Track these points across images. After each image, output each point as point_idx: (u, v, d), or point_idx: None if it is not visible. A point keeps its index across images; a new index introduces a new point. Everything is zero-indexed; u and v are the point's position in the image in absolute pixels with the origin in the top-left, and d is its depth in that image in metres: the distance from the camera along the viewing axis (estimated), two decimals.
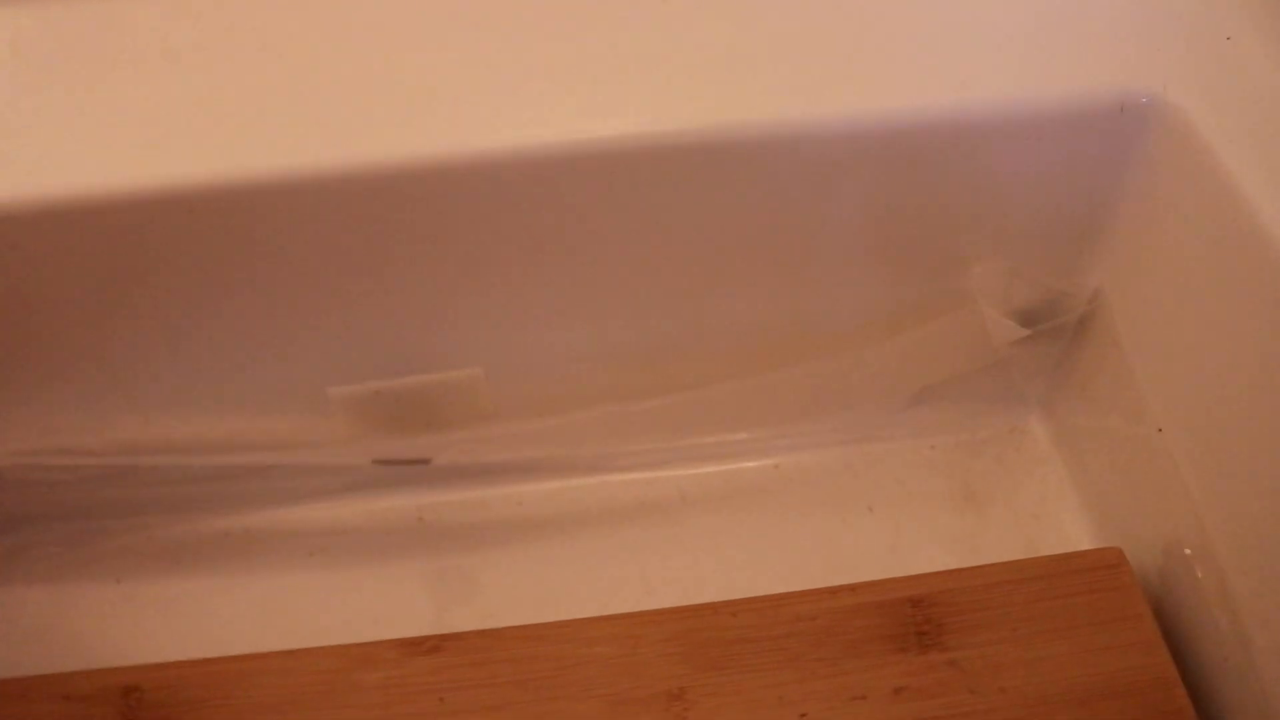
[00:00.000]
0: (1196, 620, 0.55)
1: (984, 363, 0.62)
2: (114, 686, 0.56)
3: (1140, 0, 0.55)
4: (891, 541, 0.62)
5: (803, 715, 0.53)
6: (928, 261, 0.60)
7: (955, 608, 0.56)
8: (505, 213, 0.53)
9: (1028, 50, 0.53)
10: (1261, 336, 0.49)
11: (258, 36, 0.54)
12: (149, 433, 0.61)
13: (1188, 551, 0.55)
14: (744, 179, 0.54)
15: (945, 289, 0.60)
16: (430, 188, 0.52)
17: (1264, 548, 0.50)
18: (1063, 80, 0.53)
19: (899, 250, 0.59)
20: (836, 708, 0.53)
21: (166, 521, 0.65)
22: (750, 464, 0.65)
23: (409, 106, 0.51)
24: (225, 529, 0.65)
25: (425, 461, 0.60)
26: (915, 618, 0.56)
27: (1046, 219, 0.58)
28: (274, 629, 0.60)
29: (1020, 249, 0.59)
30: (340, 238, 0.54)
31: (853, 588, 0.57)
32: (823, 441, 0.65)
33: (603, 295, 0.58)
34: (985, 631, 0.55)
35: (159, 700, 0.56)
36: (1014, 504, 0.64)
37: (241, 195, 0.51)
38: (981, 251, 0.59)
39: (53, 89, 0.52)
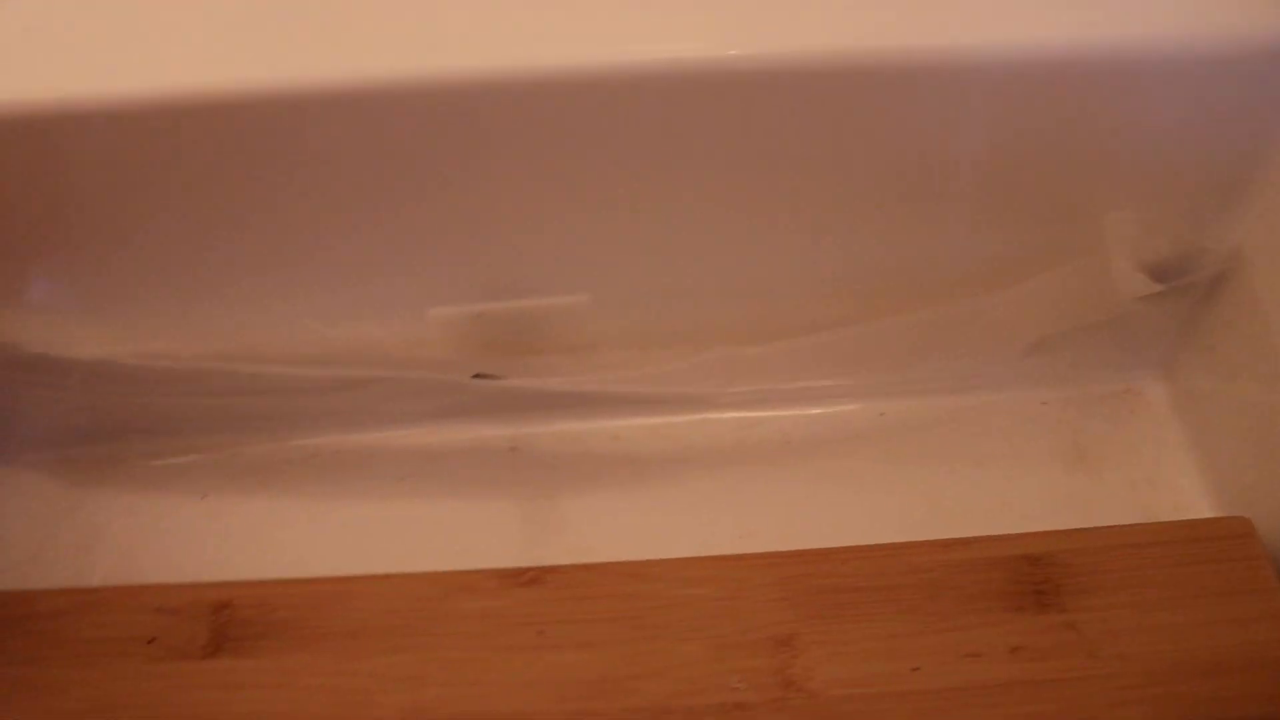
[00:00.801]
0: None
1: (1105, 317, 0.60)
2: (206, 601, 0.55)
3: None
4: (999, 497, 0.60)
5: (915, 669, 0.51)
6: (1057, 206, 0.57)
7: (1074, 569, 0.54)
8: (616, 135, 0.51)
9: None
10: None
11: None
12: (244, 341, 0.59)
13: None
14: (875, 110, 0.51)
15: (1072, 237, 0.58)
16: (538, 104, 0.50)
17: None
18: (1222, 20, 0.50)
19: (1028, 193, 0.56)
20: (950, 664, 0.51)
21: (254, 439, 0.64)
22: (855, 409, 0.63)
23: (524, 17, 0.49)
24: (313, 450, 0.64)
25: (525, 381, 0.58)
26: (1033, 576, 0.54)
27: (1189, 168, 0.55)
28: (360, 553, 0.59)
29: (1158, 199, 0.56)
30: (450, 151, 0.51)
31: (967, 542, 0.55)
32: (930, 390, 0.63)
33: (714, 228, 0.56)
34: (1105, 595, 0.53)
35: (250, 618, 0.55)
36: (1127, 467, 0.61)
37: (352, 100, 0.49)
38: (1116, 199, 0.56)
39: None
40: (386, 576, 0.55)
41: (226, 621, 0.55)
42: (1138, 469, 0.61)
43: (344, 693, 0.52)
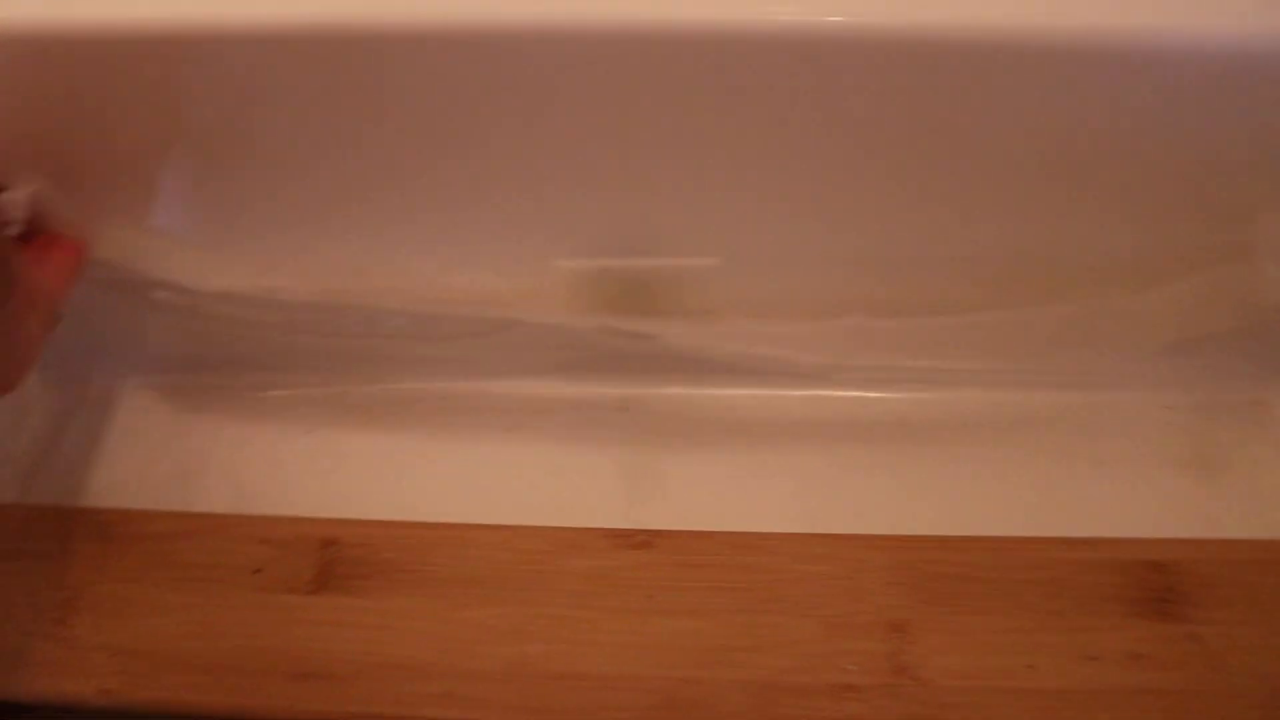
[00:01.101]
0: None
1: (1246, 324, 0.58)
2: (313, 537, 0.55)
3: None
4: (1119, 499, 0.58)
5: (1030, 666, 0.50)
6: (1212, 207, 0.55)
7: (1200, 579, 0.52)
8: (766, 97, 0.49)
9: None
10: None
11: None
12: (362, 283, 0.58)
13: None
14: (1041, 90, 0.49)
15: (1224, 240, 0.55)
16: (688, 60, 0.48)
17: None
18: None
19: (1184, 190, 0.54)
20: (1066, 665, 0.50)
21: (362, 379, 0.64)
22: (975, 396, 0.61)
23: None
24: (420, 394, 0.63)
25: (650, 336, 0.57)
26: (1156, 584, 0.52)
27: None
28: (463, 500, 0.58)
29: None
30: (591, 101, 0.50)
31: (1091, 542, 0.53)
32: (1053, 383, 0.61)
33: (857, 198, 0.54)
34: (1231, 609, 0.51)
35: (357, 557, 0.54)
36: (1255, 480, 0.59)
37: (498, 40, 0.48)
38: (1274, 203, 0.54)
39: None
40: (496, 527, 0.54)
41: (333, 559, 0.54)
42: (1263, 482, 0.59)
43: (447, 640, 0.52)
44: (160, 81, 0.51)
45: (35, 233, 0.51)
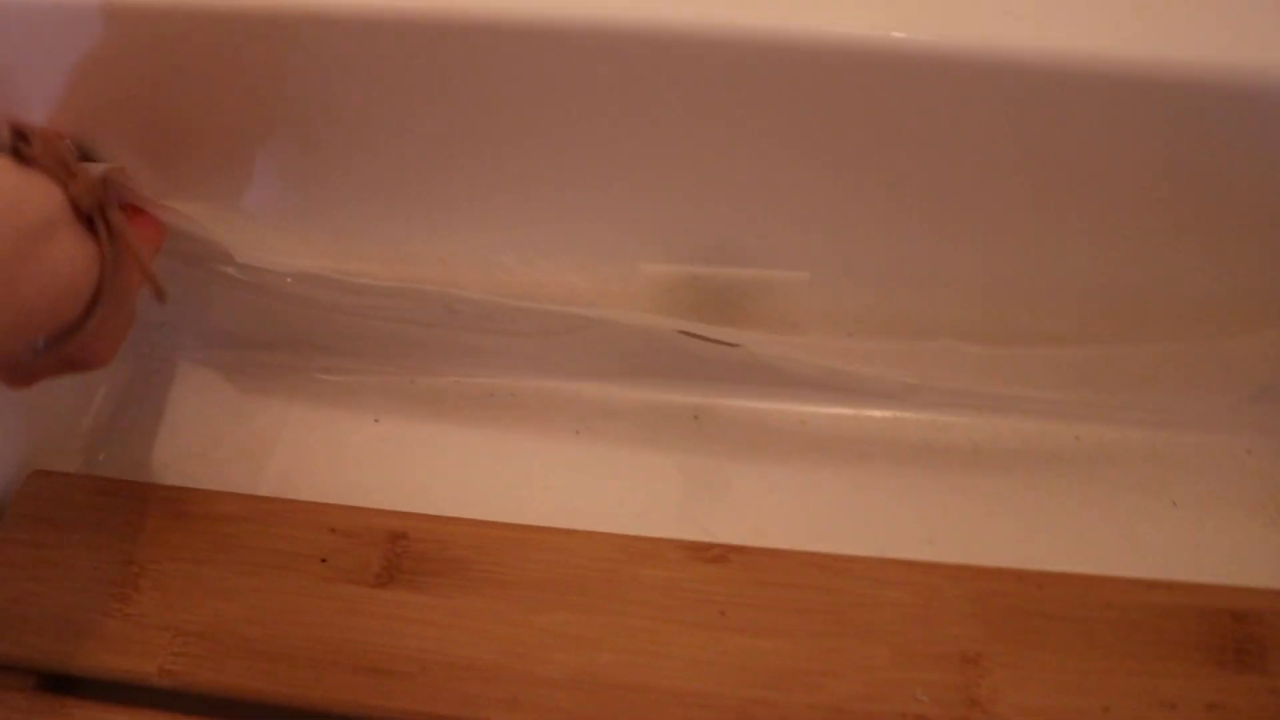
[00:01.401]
0: None
1: None
2: (381, 529, 0.54)
3: None
4: (1195, 543, 0.58)
5: (1106, 708, 0.49)
6: None
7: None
8: (875, 114, 0.49)
9: None
10: None
11: None
12: (443, 272, 0.58)
13: None
14: (1168, 124, 0.48)
15: None
16: (797, 72, 0.47)
17: None
18: None
19: None
20: (1143, 710, 0.49)
21: (432, 369, 0.63)
22: (1050, 427, 0.60)
23: None
24: (491, 388, 0.63)
25: (730, 345, 0.56)
26: (1236, 633, 0.51)
27: None
28: (528, 500, 0.58)
29: None
30: (689, 104, 0.49)
31: (1169, 585, 0.52)
32: (1133, 419, 0.60)
33: (954, 220, 0.53)
34: None
35: (425, 553, 0.54)
36: None
37: (599, 38, 0.47)
38: None
39: None
40: (569, 532, 0.54)
41: (401, 553, 0.54)
42: None
43: (515, 644, 0.51)
44: (257, 61, 0.50)
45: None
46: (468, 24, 0.48)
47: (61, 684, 0.53)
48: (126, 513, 0.56)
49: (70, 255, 0.42)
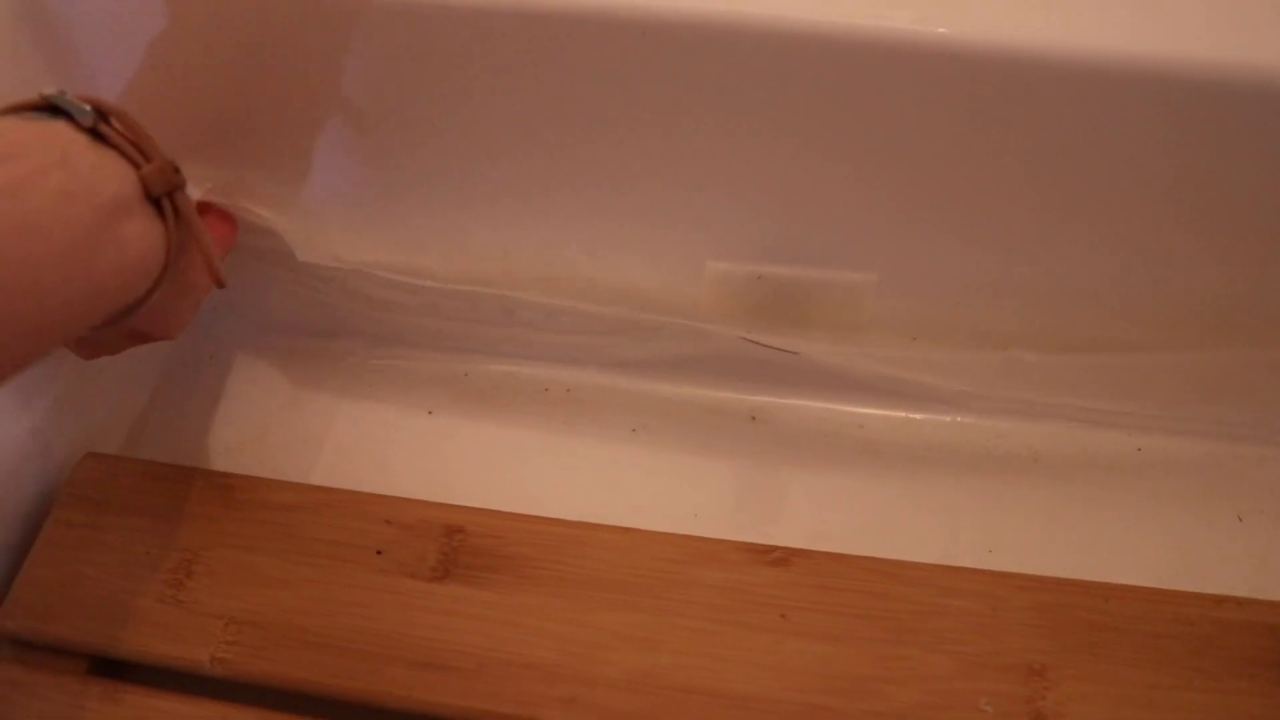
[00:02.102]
0: None
1: None
2: (438, 523, 0.54)
3: None
4: (1262, 558, 0.57)
5: None
6: None
7: None
8: (943, 115, 0.48)
9: None
10: None
11: None
12: (504, 266, 0.57)
13: None
14: (1241, 132, 0.47)
15: None
16: (870, 69, 0.47)
17: None
18: None
19: None
20: None
21: (486, 362, 0.63)
22: (1113, 437, 0.59)
23: None
24: (548, 382, 0.62)
25: (793, 352, 0.56)
26: None
27: None
28: (583, 497, 0.57)
29: None
30: (759, 101, 0.49)
31: (1240, 602, 0.51)
32: (1197, 431, 0.59)
33: (1026, 227, 0.52)
34: None
35: (482, 548, 0.53)
36: None
37: (669, 32, 0.47)
38: None
39: None
40: (629, 530, 0.53)
41: (458, 548, 0.53)
42: None
43: (573, 642, 0.50)
44: (329, 53, 0.49)
45: None
46: (536, 14, 0.48)
47: (113, 668, 0.53)
48: (178, 498, 0.56)
49: (140, 234, 0.42)
